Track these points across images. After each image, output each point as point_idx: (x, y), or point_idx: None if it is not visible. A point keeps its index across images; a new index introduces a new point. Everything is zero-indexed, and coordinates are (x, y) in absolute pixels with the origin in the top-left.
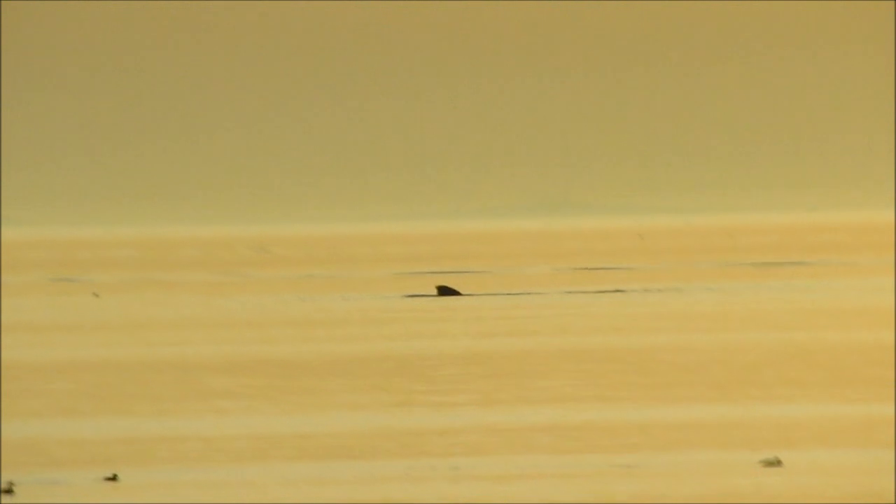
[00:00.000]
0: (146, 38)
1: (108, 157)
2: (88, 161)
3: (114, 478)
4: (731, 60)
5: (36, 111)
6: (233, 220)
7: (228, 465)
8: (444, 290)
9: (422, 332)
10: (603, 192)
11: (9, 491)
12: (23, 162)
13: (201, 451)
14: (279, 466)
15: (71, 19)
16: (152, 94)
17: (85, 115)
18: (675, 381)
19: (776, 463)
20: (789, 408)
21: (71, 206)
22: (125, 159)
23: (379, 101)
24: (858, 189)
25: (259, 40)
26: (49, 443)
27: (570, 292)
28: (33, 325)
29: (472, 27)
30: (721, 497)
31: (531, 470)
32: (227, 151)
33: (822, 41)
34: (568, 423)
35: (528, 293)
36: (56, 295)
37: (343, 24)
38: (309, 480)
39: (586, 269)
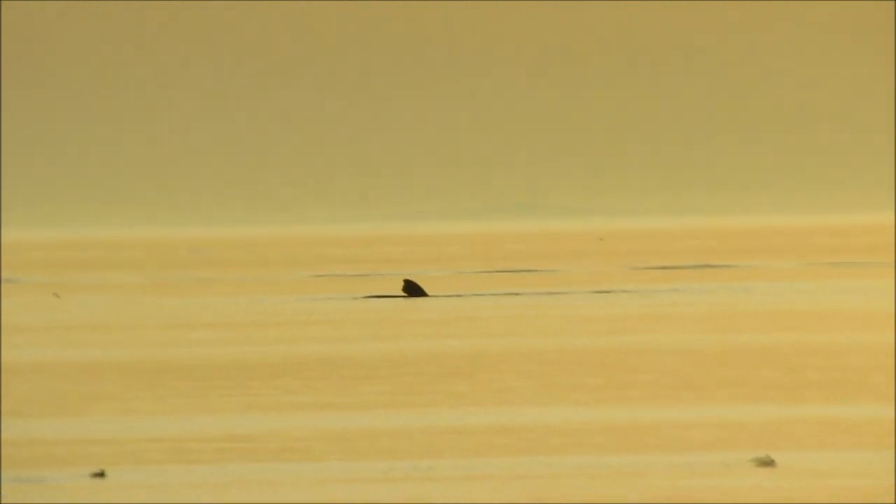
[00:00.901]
0: (83, 43)
1: (44, 161)
2: (29, 164)
3: (101, 474)
4: (701, 63)
5: None
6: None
7: (185, 466)
8: (411, 287)
9: (380, 333)
10: (564, 195)
11: None
12: None
13: (156, 453)
14: (235, 468)
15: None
16: (100, 103)
17: (36, 120)
18: (643, 381)
19: (769, 462)
20: (767, 409)
21: (18, 208)
22: (62, 163)
23: (341, 103)
24: (832, 192)
25: (194, 48)
26: (17, 443)
27: (531, 294)
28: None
29: (433, 27)
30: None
31: (490, 471)
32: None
33: (813, 41)
34: (526, 424)
35: (488, 294)
36: (13, 296)
37: (288, 27)
38: (266, 481)
39: (547, 270)
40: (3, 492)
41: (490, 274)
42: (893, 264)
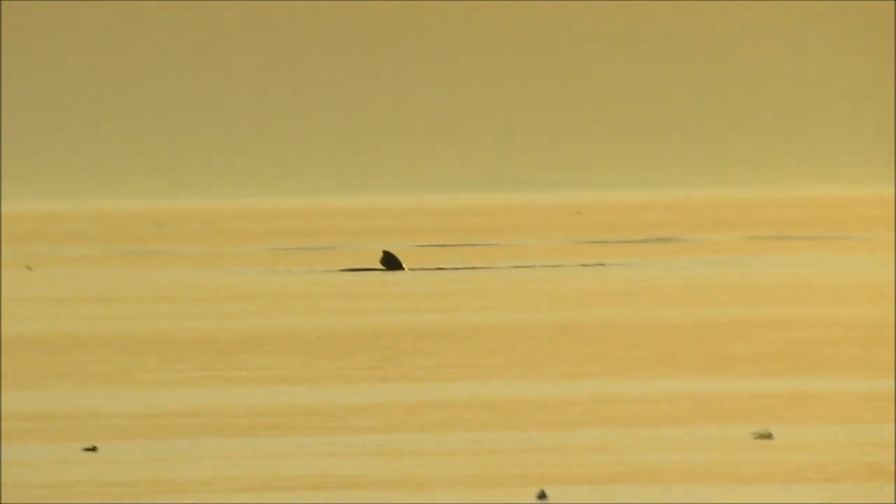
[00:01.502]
0: (44, 15)
1: (5, 134)
2: None
3: (93, 449)
4: (679, 38)
5: None
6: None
7: (149, 442)
8: (389, 260)
9: (356, 307)
10: (541, 168)
11: None
12: None
13: (131, 429)
14: (204, 442)
15: None
16: (63, 76)
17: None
18: (618, 355)
19: (767, 436)
20: (744, 383)
21: None
22: (23, 136)
23: (310, 74)
24: (811, 166)
25: (152, 22)
26: None
27: (506, 267)
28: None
29: (405, 5)
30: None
31: (460, 446)
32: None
33: (799, 24)
34: (499, 399)
35: (463, 268)
36: None
37: (251, 11)
38: (235, 456)
39: (523, 244)
40: None
41: (465, 247)
42: (862, 238)
